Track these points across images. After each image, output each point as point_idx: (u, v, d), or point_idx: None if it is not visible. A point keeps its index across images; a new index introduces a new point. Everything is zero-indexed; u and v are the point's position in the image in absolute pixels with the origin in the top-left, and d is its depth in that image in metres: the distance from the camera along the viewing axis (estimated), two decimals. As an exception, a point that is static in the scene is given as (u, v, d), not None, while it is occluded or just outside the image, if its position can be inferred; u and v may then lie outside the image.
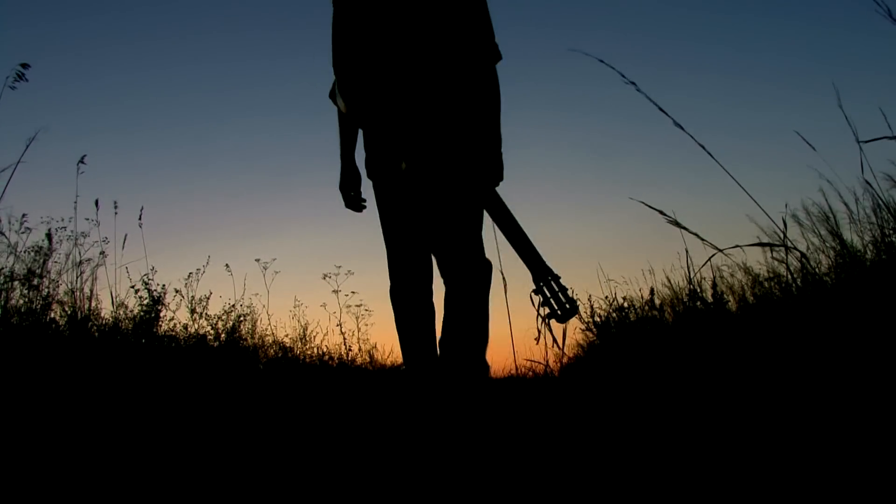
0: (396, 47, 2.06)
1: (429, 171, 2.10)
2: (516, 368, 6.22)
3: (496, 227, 2.34)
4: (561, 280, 2.30)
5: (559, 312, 2.29)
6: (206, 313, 5.25)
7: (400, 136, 2.06)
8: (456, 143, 2.11)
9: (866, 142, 2.10)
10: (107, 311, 4.25)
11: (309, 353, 6.76)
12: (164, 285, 4.70)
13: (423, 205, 2.18)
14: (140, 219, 4.70)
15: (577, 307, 2.28)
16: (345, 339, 7.14)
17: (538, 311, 2.29)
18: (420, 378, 2.20)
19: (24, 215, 3.70)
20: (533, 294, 2.31)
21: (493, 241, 2.39)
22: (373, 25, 2.06)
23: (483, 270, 2.19)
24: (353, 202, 2.39)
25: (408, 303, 2.19)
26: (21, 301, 3.43)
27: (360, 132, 2.31)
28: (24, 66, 3.07)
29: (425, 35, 2.07)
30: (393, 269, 2.22)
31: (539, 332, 2.25)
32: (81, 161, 4.00)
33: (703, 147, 2.16)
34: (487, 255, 2.31)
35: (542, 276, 2.30)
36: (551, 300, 2.30)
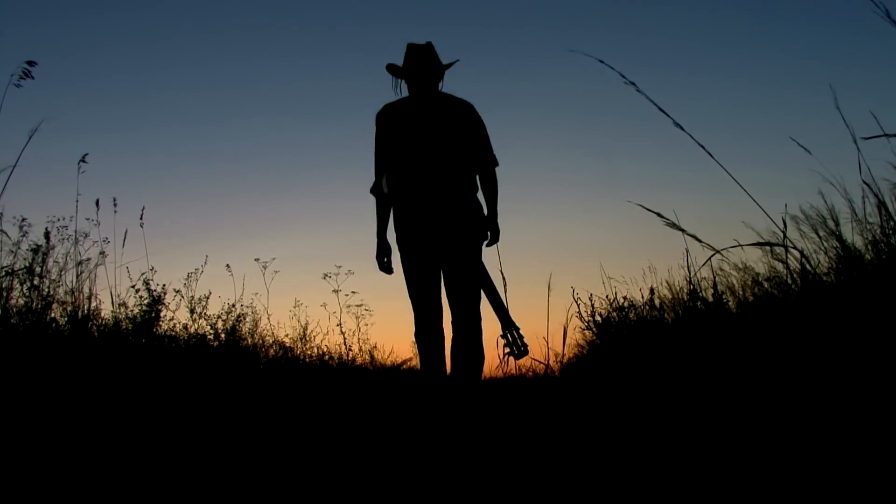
0: (427, 156, 2.86)
1: (448, 236, 2.87)
2: (517, 368, 6.21)
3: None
4: (520, 330, 3.12)
5: (516, 352, 3.11)
6: (206, 313, 5.25)
7: (430, 213, 2.85)
8: (465, 218, 2.90)
9: (865, 139, 2.09)
10: (107, 310, 4.25)
11: (309, 352, 6.76)
12: (163, 285, 4.70)
13: (441, 266, 2.93)
14: (141, 218, 4.69)
15: (527, 350, 3.13)
16: (345, 338, 7.14)
17: (503, 349, 3.14)
18: (433, 383, 2.90)
19: (24, 218, 3.69)
20: (500, 338, 3.14)
21: (496, 252, 3.17)
22: (409, 141, 2.89)
23: (477, 324, 2.92)
24: (385, 267, 3.07)
25: (429, 338, 2.92)
26: (21, 300, 3.42)
27: (392, 217, 3.03)
28: (31, 63, 3.03)
29: (446, 149, 2.87)
30: (418, 316, 2.94)
31: (501, 360, 3.16)
32: (83, 160, 3.98)
33: (703, 147, 2.16)
34: (493, 262, 3.17)
35: (508, 326, 3.09)
36: (512, 345, 3.11)
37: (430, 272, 2.90)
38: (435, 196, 2.84)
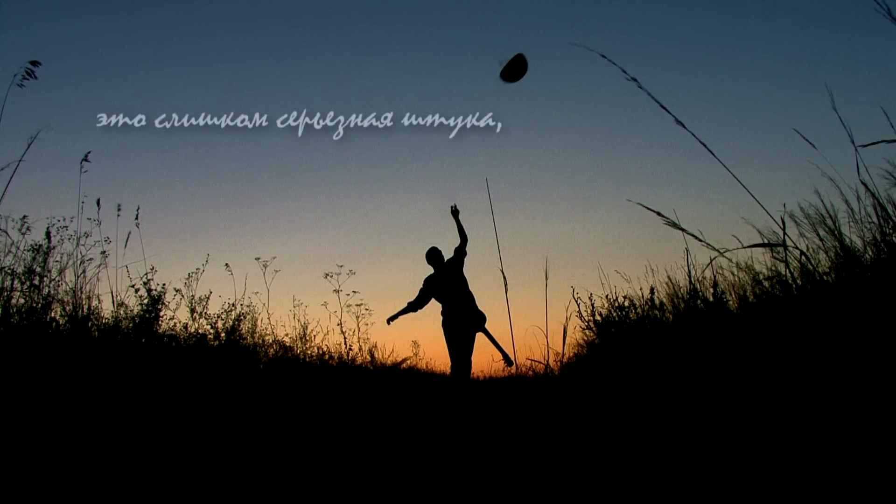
0: (451, 298, 5.86)
1: (463, 324, 5.83)
2: (517, 367, 6.21)
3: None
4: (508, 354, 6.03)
5: (509, 363, 6.01)
6: (206, 313, 5.24)
7: (453, 312, 5.88)
8: (471, 314, 5.88)
9: (864, 146, 2.10)
10: (107, 310, 4.24)
11: (309, 352, 6.75)
12: (163, 285, 4.69)
13: (460, 340, 5.87)
14: (137, 219, 4.68)
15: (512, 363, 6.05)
16: (345, 338, 7.14)
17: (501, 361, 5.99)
18: (457, 380, 5.85)
19: (24, 217, 3.68)
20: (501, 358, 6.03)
21: (498, 256, 6.19)
22: (441, 292, 5.92)
23: (469, 363, 5.90)
24: (388, 321, 6.23)
25: (456, 371, 5.85)
26: (22, 300, 3.41)
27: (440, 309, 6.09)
28: (34, 63, 3.04)
29: (458, 289, 5.86)
30: (454, 362, 5.82)
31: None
32: (85, 159, 3.96)
33: (705, 144, 2.16)
34: (494, 262, 5.65)
35: (504, 355, 6.01)
36: (505, 358, 5.94)
37: (456, 345, 5.83)
38: (457, 315, 5.80)
